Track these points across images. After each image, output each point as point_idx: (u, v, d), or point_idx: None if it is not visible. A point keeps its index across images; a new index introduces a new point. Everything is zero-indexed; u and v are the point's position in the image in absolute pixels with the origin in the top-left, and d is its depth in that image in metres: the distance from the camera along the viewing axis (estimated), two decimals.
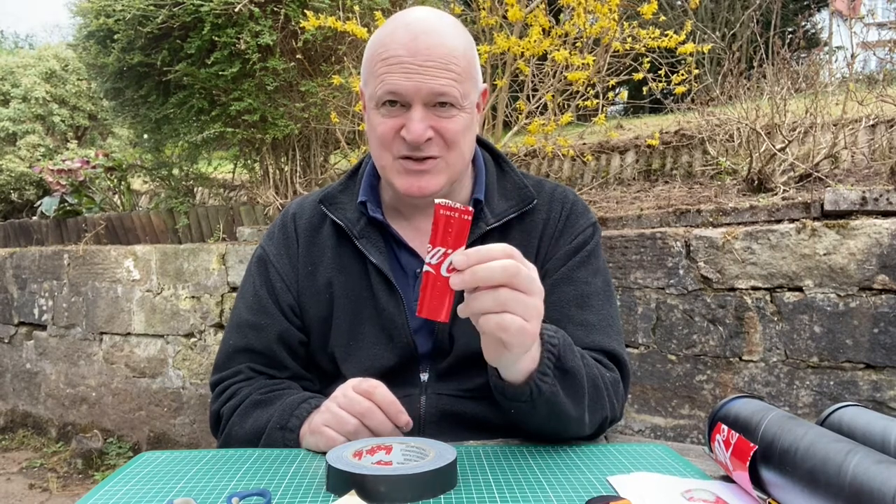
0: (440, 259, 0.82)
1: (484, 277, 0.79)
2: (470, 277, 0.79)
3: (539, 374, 0.88)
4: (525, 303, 0.81)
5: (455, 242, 0.82)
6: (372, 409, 0.95)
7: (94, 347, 4.07)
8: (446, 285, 0.82)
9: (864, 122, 3.54)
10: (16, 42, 22.31)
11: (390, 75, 1.02)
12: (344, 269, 1.15)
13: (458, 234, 0.82)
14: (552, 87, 3.48)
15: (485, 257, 0.80)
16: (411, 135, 1.03)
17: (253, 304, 1.18)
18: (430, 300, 0.83)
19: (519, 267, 0.80)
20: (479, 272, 0.79)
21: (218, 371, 1.18)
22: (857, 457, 0.63)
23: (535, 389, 0.89)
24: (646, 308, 2.59)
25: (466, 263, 0.79)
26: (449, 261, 0.81)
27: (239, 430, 1.08)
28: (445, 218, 0.82)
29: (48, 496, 3.44)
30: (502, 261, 0.80)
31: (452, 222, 0.82)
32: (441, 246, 0.83)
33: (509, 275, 0.79)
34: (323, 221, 1.20)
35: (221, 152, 5.14)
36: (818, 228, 2.32)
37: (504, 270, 0.79)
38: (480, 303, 0.80)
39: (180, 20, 3.63)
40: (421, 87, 1.02)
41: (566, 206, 1.19)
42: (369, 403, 0.95)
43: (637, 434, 2.63)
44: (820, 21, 9.55)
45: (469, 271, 0.79)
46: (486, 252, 0.80)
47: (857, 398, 2.25)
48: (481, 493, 0.80)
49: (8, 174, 6.43)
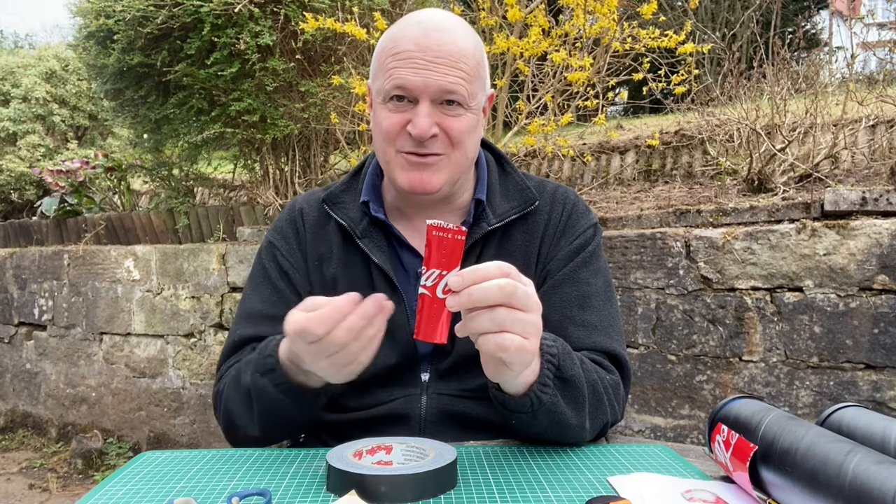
0: (435, 281, 0.81)
1: (480, 298, 0.78)
2: (466, 299, 0.78)
3: (539, 384, 0.88)
4: (523, 320, 0.80)
5: (449, 263, 0.81)
6: (335, 302, 0.86)
7: (94, 347, 4.07)
8: (443, 307, 0.81)
9: (864, 123, 3.54)
10: (16, 42, 22.31)
11: (399, 70, 1.03)
12: (348, 267, 1.15)
13: (451, 254, 0.81)
14: (552, 88, 3.48)
15: (480, 277, 0.78)
16: (417, 129, 1.03)
17: (271, 295, 1.16)
18: (427, 322, 0.82)
19: (516, 285, 0.79)
20: (475, 293, 0.78)
21: (223, 361, 1.16)
22: (857, 457, 0.63)
23: (535, 401, 0.88)
24: (646, 308, 2.59)
25: (462, 285, 0.78)
26: (444, 282, 0.80)
27: (231, 403, 1.06)
28: (438, 239, 0.81)
29: (48, 496, 3.43)
30: (498, 280, 0.78)
31: (445, 243, 0.81)
32: (435, 268, 0.81)
33: (506, 294, 0.78)
34: (328, 220, 1.20)
35: (221, 152, 5.14)
36: (818, 229, 2.32)
37: (500, 290, 0.78)
38: (478, 323, 0.79)
39: (180, 21, 3.63)
40: (430, 82, 1.02)
41: (567, 206, 1.19)
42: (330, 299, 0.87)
43: (637, 434, 2.63)
44: (820, 21, 9.56)
45: (465, 293, 0.78)
46: (482, 272, 0.79)
47: (857, 398, 2.25)
48: (481, 493, 0.80)
49: (8, 174, 6.43)
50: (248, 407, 1.03)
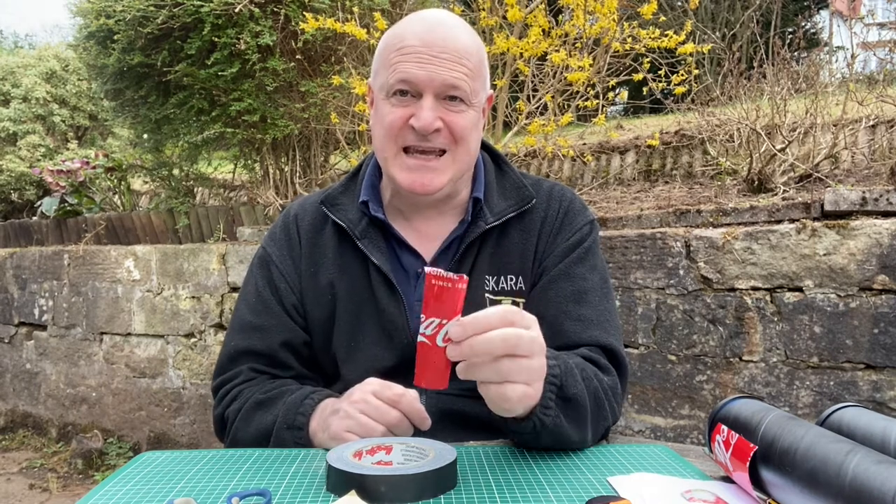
0: (435, 330, 0.79)
1: (483, 351, 0.75)
2: (468, 350, 0.76)
3: (541, 407, 0.87)
4: (529, 368, 0.78)
5: (450, 312, 0.78)
6: (401, 419, 0.93)
7: (95, 347, 4.07)
8: (443, 356, 0.78)
9: (864, 123, 3.54)
10: (16, 42, 22.33)
11: (404, 64, 1.04)
12: (346, 270, 1.15)
13: (452, 303, 0.78)
14: (552, 88, 3.48)
15: (483, 327, 0.75)
16: (421, 122, 1.03)
17: (256, 305, 1.17)
18: (429, 371, 0.80)
19: (520, 335, 0.76)
20: (476, 346, 0.75)
21: (220, 374, 1.17)
22: (857, 457, 0.63)
23: (538, 423, 0.87)
24: (646, 308, 2.59)
25: (463, 335, 0.76)
26: (444, 331, 0.78)
27: (244, 433, 1.07)
28: (439, 288, 0.78)
29: (48, 496, 3.43)
30: (502, 331, 0.75)
31: (446, 293, 0.78)
32: (435, 316, 0.78)
33: (510, 346, 0.76)
34: (325, 223, 1.20)
35: (221, 152, 5.14)
36: (818, 229, 2.32)
37: (504, 341, 0.75)
38: (481, 374, 0.77)
39: (180, 21, 3.63)
40: (434, 77, 1.03)
41: (564, 203, 1.19)
42: (398, 413, 0.93)
43: (637, 434, 2.63)
44: (820, 21, 9.56)
45: (466, 344, 0.76)
46: (484, 322, 0.76)
47: (857, 398, 2.25)
48: (481, 494, 0.80)
49: (8, 174, 6.43)
50: (260, 440, 1.04)
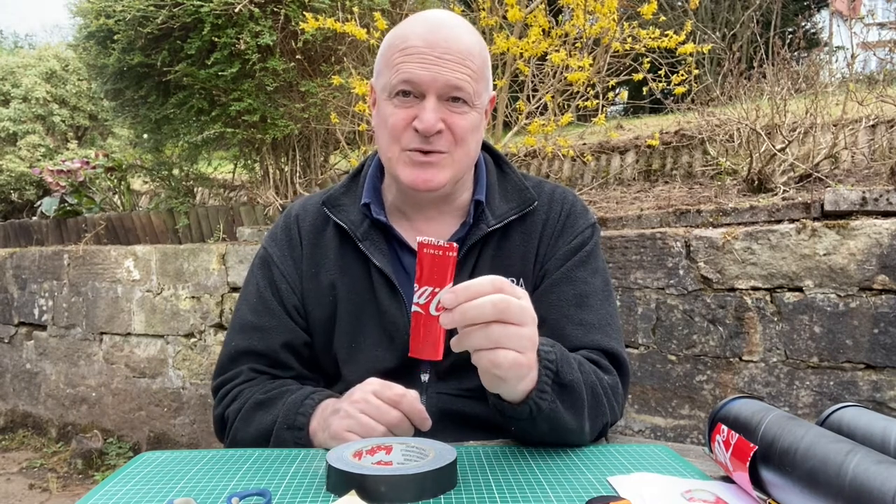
0: (428, 298, 0.81)
1: (474, 316, 0.77)
2: (460, 317, 0.78)
3: (538, 391, 0.87)
4: (518, 335, 0.80)
5: (442, 280, 0.80)
6: (402, 419, 0.94)
7: (94, 347, 4.07)
8: (436, 324, 0.80)
9: (864, 123, 3.54)
10: (16, 42, 22.33)
11: (407, 64, 1.03)
12: (347, 271, 1.15)
13: (444, 271, 0.80)
14: (552, 88, 3.48)
15: (473, 294, 0.78)
16: (424, 123, 1.03)
17: (257, 305, 1.17)
18: (422, 340, 0.82)
19: (509, 301, 0.78)
20: (468, 311, 0.77)
21: (220, 374, 1.17)
22: (857, 457, 0.63)
23: (534, 408, 0.88)
24: (646, 308, 2.59)
25: (455, 302, 0.78)
26: (437, 299, 0.79)
27: (244, 433, 1.07)
28: (430, 256, 0.80)
29: (48, 496, 3.43)
30: (492, 297, 0.78)
31: (437, 260, 0.80)
32: (427, 285, 0.80)
33: (500, 311, 0.78)
34: (326, 223, 1.19)
35: (221, 152, 5.14)
36: (818, 229, 2.32)
37: (494, 307, 0.77)
38: (473, 340, 0.79)
39: (180, 21, 3.63)
40: (437, 77, 1.03)
41: (566, 206, 1.19)
42: (399, 414, 0.94)
43: (637, 434, 2.63)
44: (820, 21, 9.55)
45: (458, 310, 0.78)
46: (475, 288, 0.78)
47: (857, 398, 2.25)
48: (481, 493, 0.80)
49: (8, 174, 6.43)
50: (260, 440, 1.04)
